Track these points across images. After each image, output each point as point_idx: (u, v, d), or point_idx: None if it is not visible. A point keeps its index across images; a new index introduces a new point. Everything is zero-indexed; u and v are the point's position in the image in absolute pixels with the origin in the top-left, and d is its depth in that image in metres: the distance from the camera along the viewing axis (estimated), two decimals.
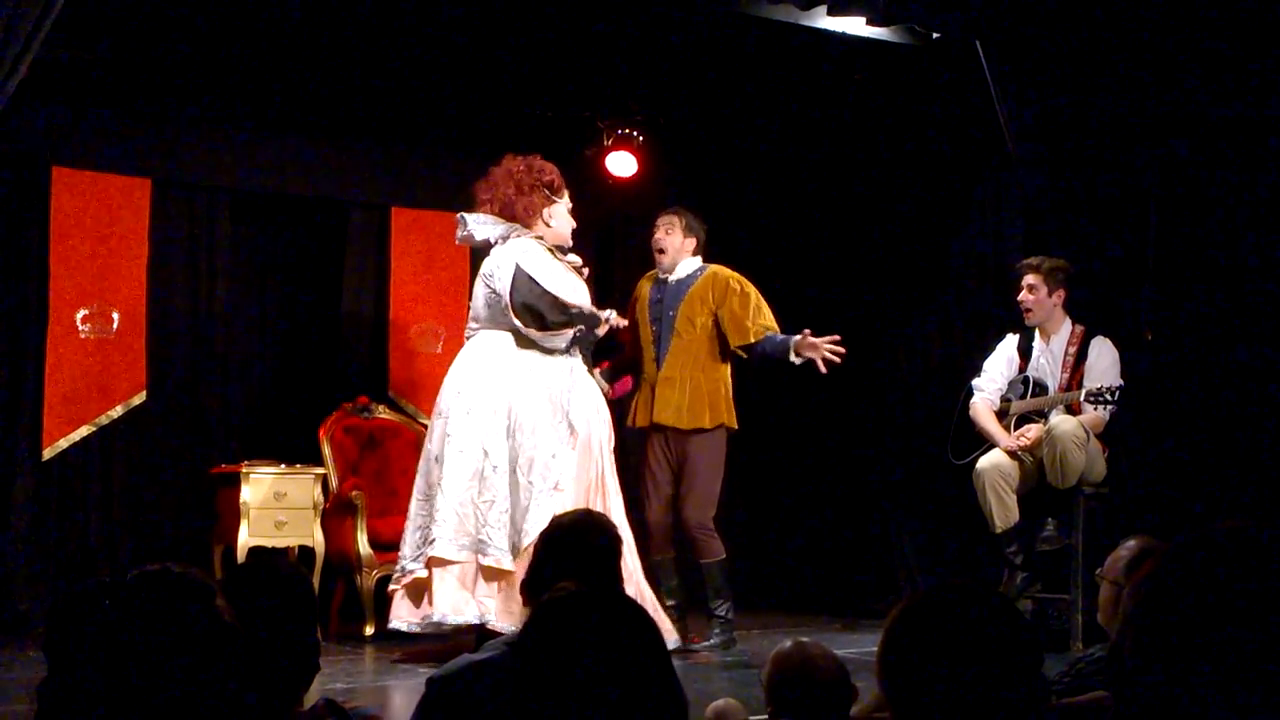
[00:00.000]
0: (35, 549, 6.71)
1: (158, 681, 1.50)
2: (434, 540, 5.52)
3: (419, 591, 5.63)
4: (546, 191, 5.88)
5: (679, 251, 6.27)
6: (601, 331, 5.95)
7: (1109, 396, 5.89)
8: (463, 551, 5.52)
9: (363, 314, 7.62)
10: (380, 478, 7.11)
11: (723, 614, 6.07)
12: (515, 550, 5.47)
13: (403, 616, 5.65)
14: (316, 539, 6.64)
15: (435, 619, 5.51)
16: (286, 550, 6.56)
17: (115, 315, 6.90)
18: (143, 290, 6.99)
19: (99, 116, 6.91)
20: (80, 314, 6.82)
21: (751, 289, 6.20)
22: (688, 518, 6.07)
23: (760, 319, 6.13)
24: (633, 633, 1.68)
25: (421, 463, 5.83)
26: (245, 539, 6.48)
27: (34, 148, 6.76)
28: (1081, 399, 5.99)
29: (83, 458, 6.88)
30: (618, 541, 3.06)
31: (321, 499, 6.71)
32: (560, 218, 5.94)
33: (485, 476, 5.56)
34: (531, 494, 5.54)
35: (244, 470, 6.60)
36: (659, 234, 6.30)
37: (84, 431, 6.83)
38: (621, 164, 7.75)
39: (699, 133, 8.15)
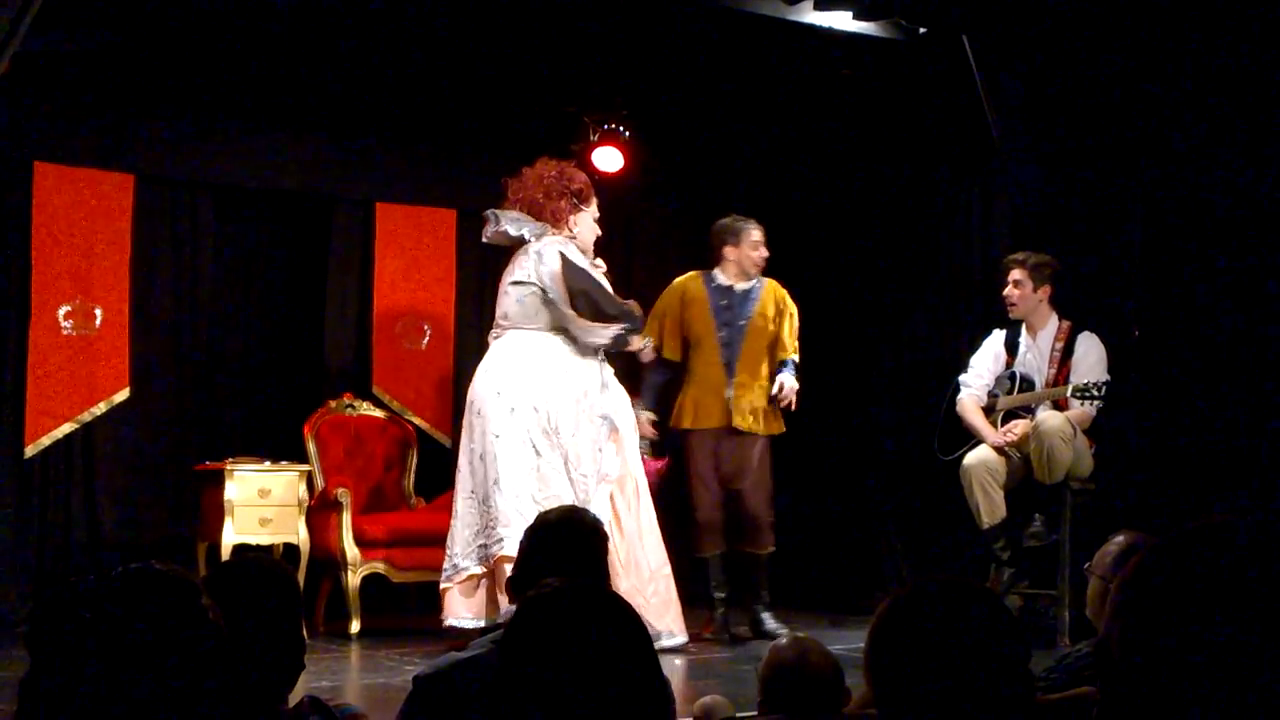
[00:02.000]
0: (17, 547, 6.68)
1: (141, 680, 1.48)
2: (502, 540, 5.52)
3: (476, 588, 5.65)
4: (574, 199, 5.97)
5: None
6: (635, 346, 6.03)
7: (1095, 392, 5.90)
8: None
9: (347, 310, 7.60)
10: (365, 474, 7.10)
11: (768, 600, 6.40)
12: None
13: (459, 613, 5.65)
14: (301, 536, 6.62)
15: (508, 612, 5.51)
16: (271, 548, 6.55)
17: (98, 311, 6.87)
18: (126, 286, 6.95)
19: (82, 112, 6.87)
20: (62, 310, 6.79)
21: (795, 309, 6.60)
22: (764, 514, 6.41)
23: (794, 340, 6.53)
24: (616, 628, 1.67)
25: (463, 460, 5.80)
26: (229, 536, 6.46)
27: (16, 143, 6.72)
28: (1068, 394, 6.00)
29: (65, 455, 6.85)
30: (604, 537, 3.06)
31: (306, 496, 6.69)
32: (585, 226, 6.02)
33: (544, 474, 5.62)
34: (587, 487, 5.62)
35: (228, 467, 6.58)
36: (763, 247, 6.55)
37: (66, 429, 6.79)
38: (607, 159, 7.73)
39: (685, 128, 8.14)
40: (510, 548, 5.47)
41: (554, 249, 5.80)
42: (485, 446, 5.64)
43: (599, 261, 6.09)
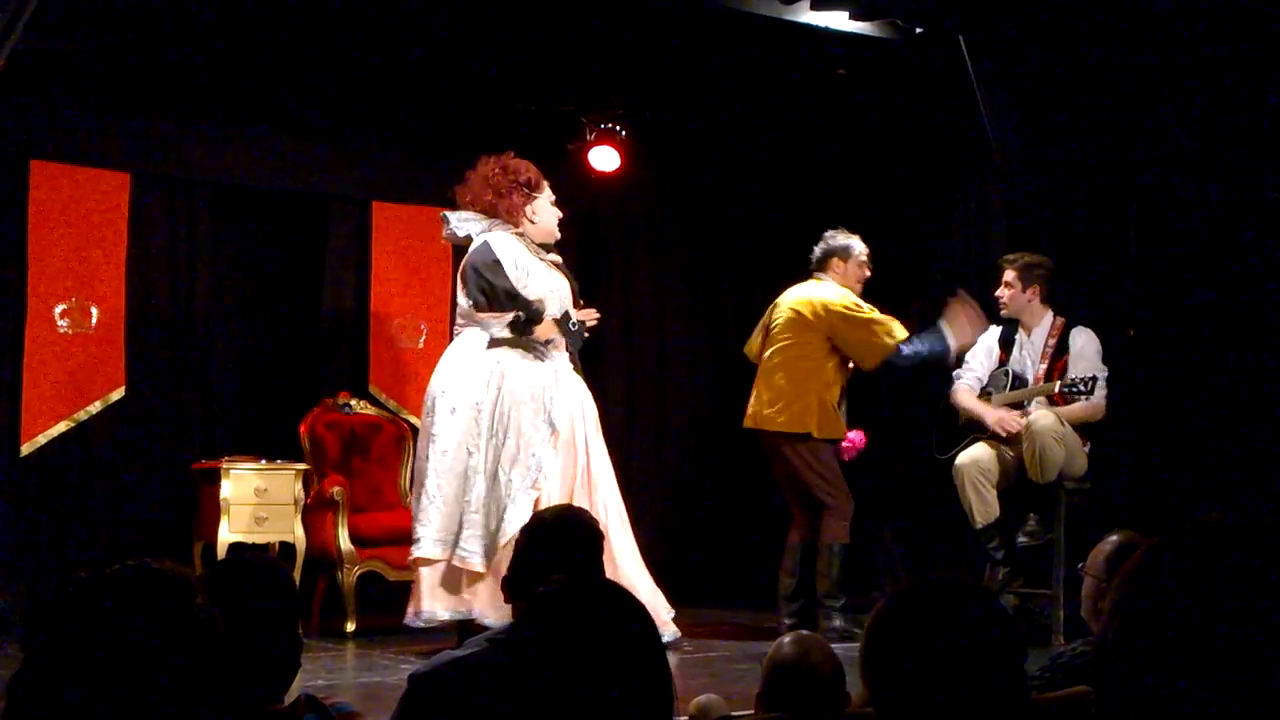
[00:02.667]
0: (13, 546, 6.67)
1: (136, 679, 1.48)
2: (418, 539, 5.58)
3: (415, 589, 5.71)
4: (525, 190, 5.90)
5: None
6: (540, 336, 5.82)
7: (1082, 387, 5.91)
8: (446, 550, 5.55)
9: (344, 309, 7.59)
10: (361, 473, 7.09)
11: None
12: (490, 551, 5.50)
13: (406, 614, 5.72)
14: (297, 535, 6.62)
15: (424, 617, 5.55)
16: (267, 547, 6.54)
17: (94, 310, 6.87)
18: (122, 285, 6.95)
19: (78, 110, 6.87)
20: (59, 309, 6.78)
21: None
22: None
23: None
24: (631, 623, 1.67)
25: (416, 463, 5.87)
26: (225, 535, 6.46)
27: (12, 142, 6.72)
28: (1056, 389, 6.00)
29: (61, 454, 6.84)
30: (599, 535, 3.06)
31: (302, 495, 6.69)
32: (544, 212, 5.96)
33: (468, 477, 5.59)
34: (511, 492, 5.55)
35: (224, 466, 6.58)
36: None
37: (62, 427, 6.79)
38: (604, 158, 7.73)
39: (682, 127, 8.14)
40: (426, 549, 5.55)
41: (482, 240, 5.78)
42: (426, 449, 5.68)
43: (553, 256, 6.03)
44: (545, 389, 5.72)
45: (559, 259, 6.06)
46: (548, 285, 5.85)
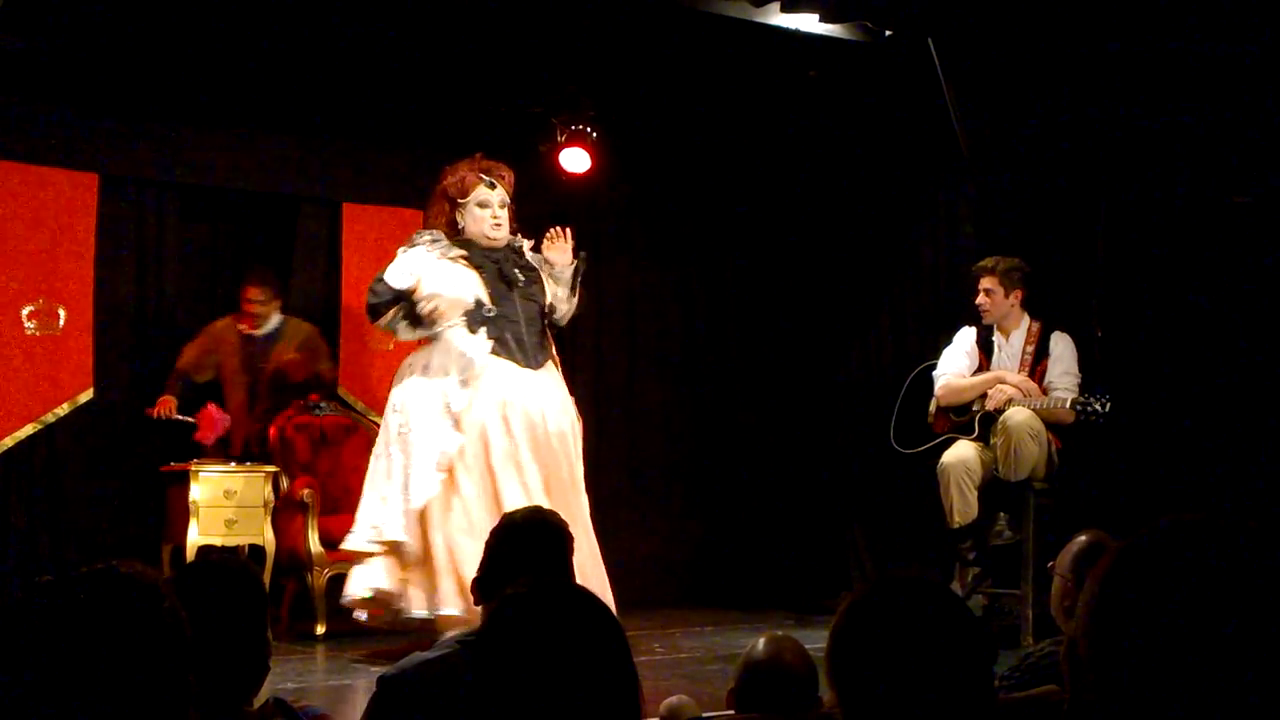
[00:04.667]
0: None
1: (103, 682, 1.48)
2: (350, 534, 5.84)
3: None
4: (447, 201, 5.97)
5: None
6: (426, 308, 5.85)
7: (1098, 408, 5.80)
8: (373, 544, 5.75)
9: (313, 310, 7.56)
10: (331, 476, 7.07)
11: None
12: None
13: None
14: (267, 537, 6.59)
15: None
16: (236, 549, 6.51)
17: (61, 312, 6.82)
18: (90, 286, 6.90)
19: (45, 111, 6.81)
20: (26, 310, 6.73)
21: None
22: None
23: None
24: (593, 627, 1.67)
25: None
26: (194, 538, 6.43)
27: None
28: (1068, 405, 5.92)
29: (28, 456, 6.78)
30: (567, 537, 3.06)
31: (272, 497, 6.66)
32: (469, 219, 5.97)
33: (384, 476, 5.78)
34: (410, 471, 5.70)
35: (193, 468, 6.54)
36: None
37: (29, 430, 6.74)
38: (575, 160, 7.72)
39: (652, 129, 8.14)
40: (350, 542, 5.76)
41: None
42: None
43: (518, 238, 6.07)
44: (454, 386, 5.81)
45: (523, 240, 6.07)
46: (448, 281, 5.83)
